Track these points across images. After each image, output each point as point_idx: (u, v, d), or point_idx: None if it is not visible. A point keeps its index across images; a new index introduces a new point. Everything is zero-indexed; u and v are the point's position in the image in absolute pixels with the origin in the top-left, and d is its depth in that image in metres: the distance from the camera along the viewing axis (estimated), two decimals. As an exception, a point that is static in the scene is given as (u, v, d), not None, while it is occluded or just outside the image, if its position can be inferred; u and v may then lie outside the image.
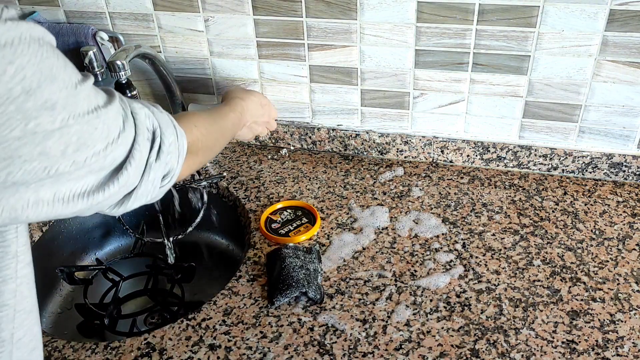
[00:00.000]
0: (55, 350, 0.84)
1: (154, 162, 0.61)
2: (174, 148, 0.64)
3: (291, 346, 0.83)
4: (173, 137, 0.64)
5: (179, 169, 0.66)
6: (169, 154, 0.63)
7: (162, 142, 0.62)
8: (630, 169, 1.10)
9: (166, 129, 0.63)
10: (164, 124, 0.63)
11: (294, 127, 1.22)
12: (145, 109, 0.61)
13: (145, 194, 0.61)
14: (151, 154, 0.60)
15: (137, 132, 0.58)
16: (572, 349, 0.81)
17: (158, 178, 0.62)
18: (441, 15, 1.01)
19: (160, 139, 0.62)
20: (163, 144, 0.62)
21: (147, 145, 0.60)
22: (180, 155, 0.66)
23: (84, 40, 1.17)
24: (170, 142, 0.63)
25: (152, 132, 0.61)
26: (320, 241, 1.01)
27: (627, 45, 0.97)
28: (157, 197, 0.65)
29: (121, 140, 0.55)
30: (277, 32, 1.11)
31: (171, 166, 0.64)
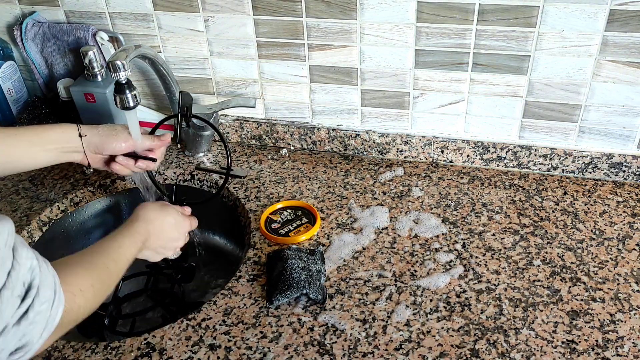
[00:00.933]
0: (55, 350, 0.84)
1: (11, 327, 0.50)
2: (41, 318, 0.53)
3: (291, 346, 0.83)
4: (47, 304, 0.53)
5: (38, 345, 0.54)
6: (33, 324, 0.52)
7: (32, 306, 0.51)
8: (630, 169, 1.10)
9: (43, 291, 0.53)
10: (44, 284, 0.53)
11: (294, 127, 1.22)
12: (34, 260, 0.53)
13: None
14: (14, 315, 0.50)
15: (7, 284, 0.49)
16: (572, 349, 0.81)
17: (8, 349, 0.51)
18: (441, 15, 1.01)
19: (31, 301, 0.51)
20: (31, 308, 0.51)
21: (14, 302, 0.50)
22: (46, 329, 0.54)
23: (84, 40, 1.17)
24: (41, 310, 0.52)
25: (26, 287, 0.51)
26: (320, 241, 1.01)
27: (627, 45, 0.97)
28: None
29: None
30: (277, 32, 1.11)
31: (30, 339, 0.53)
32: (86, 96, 1.15)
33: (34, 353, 0.54)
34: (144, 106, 1.28)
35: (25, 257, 0.52)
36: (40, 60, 1.23)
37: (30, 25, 1.18)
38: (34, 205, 1.11)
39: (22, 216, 1.09)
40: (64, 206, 1.13)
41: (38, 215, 1.09)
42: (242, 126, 1.25)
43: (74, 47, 1.18)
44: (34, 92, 1.31)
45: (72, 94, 1.16)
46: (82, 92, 1.15)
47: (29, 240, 1.07)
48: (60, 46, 1.19)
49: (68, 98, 1.19)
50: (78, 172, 1.19)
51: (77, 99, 1.16)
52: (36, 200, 1.13)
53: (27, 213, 1.10)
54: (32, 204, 1.12)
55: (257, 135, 1.25)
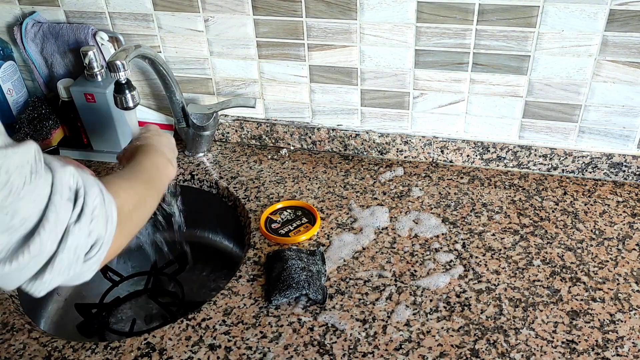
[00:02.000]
0: (55, 350, 0.84)
1: (73, 226, 0.52)
2: (99, 212, 0.55)
3: (291, 346, 0.83)
4: (99, 199, 0.55)
5: (108, 238, 0.56)
6: (94, 219, 0.54)
7: (85, 204, 0.53)
8: (630, 169, 1.10)
9: (91, 190, 0.55)
10: (89, 185, 0.55)
11: (294, 127, 1.22)
12: (71, 167, 0.54)
13: (66, 266, 0.52)
14: (72, 216, 0.52)
15: (53, 191, 0.50)
16: (572, 349, 0.81)
17: (81, 248, 0.53)
18: (441, 15, 1.01)
19: (83, 201, 0.53)
20: (86, 205, 0.53)
21: (67, 206, 0.52)
22: (109, 222, 0.57)
23: (84, 40, 1.17)
24: (95, 205, 0.55)
25: (74, 191, 0.53)
26: (320, 241, 1.01)
27: (627, 45, 0.97)
28: (84, 275, 0.56)
29: (28, 195, 0.48)
30: (277, 32, 1.11)
31: (98, 234, 0.55)
32: (86, 96, 1.15)
33: (108, 247, 0.57)
34: (144, 106, 1.28)
35: (61, 165, 0.53)
36: (40, 60, 1.23)
37: (30, 25, 1.18)
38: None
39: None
40: (64, 206, 1.13)
41: (38, 215, 1.09)
42: (242, 126, 1.25)
43: (74, 47, 1.18)
44: (34, 92, 1.31)
45: (72, 94, 1.16)
46: (82, 92, 1.15)
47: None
48: (60, 46, 1.19)
49: (68, 98, 1.19)
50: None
51: (77, 99, 1.16)
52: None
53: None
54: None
55: (257, 135, 1.25)
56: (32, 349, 0.85)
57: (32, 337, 0.86)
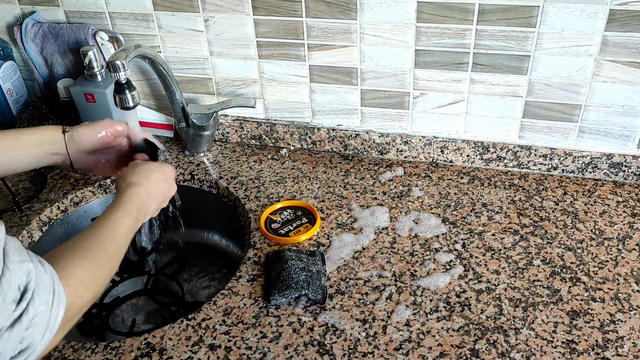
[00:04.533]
0: (55, 350, 0.84)
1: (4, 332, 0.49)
2: (40, 320, 0.52)
3: (291, 346, 0.83)
4: (44, 307, 0.52)
5: (41, 346, 0.53)
6: (30, 327, 0.51)
7: (26, 310, 0.50)
8: (630, 169, 1.10)
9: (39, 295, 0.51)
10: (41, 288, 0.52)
11: (294, 127, 1.22)
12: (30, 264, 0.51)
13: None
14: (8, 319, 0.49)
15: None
16: (572, 349, 0.81)
17: (7, 354, 0.50)
18: (441, 15, 1.01)
19: (26, 305, 0.50)
20: (26, 313, 0.50)
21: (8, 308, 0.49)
22: (47, 329, 0.53)
23: (84, 40, 1.17)
24: (38, 313, 0.51)
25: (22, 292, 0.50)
26: (320, 241, 1.01)
27: (627, 45, 0.97)
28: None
29: None
30: (277, 32, 1.11)
31: (31, 342, 0.52)
32: (86, 96, 1.15)
33: (39, 354, 0.53)
34: (144, 106, 1.28)
35: (19, 261, 0.51)
36: (40, 60, 1.23)
37: (30, 25, 1.18)
38: (34, 205, 1.11)
39: (22, 216, 1.09)
40: (64, 206, 1.13)
41: (38, 215, 1.09)
42: (242, 126, 1.25)
43: (74, 47, 1.18)
44: (34, 92, 1.31)
45: (72, 94, 1.16)
46: (82, 92, 1.15)
47: (29, 240, 1.07)
48: (60, 46, 1.19)
49: (68, 98, 1.19)
50: (78, 172, 1.19)
51: (77, 99, 1.16)
52: (36, 200, 1.13)
53: (27, 213, 1.10)
54: (32, 204, 1.12)
55: (257, 135, 1.25)
56: (32, 349, 0.85)
57: (32, 337, 0.86)
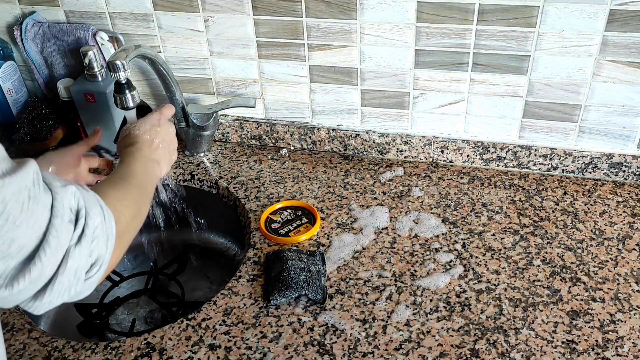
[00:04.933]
0: (55, 350, 0.84)
1: (74, 249, 0.51)
2: (100, 232, 0.55)
3: (291, 346, 0.83)
4: (100, 218, 0.55)
5: (108, 256, 0.56)
6: (95, 239, 0.54)
7: (87, 225, 0.53)
8: (630, 169, 1.10)
9: (92, 209, 0.54)
10: (90, 204, 0.55)
11: (294, 127, 1.22)
12: (72, 186, 0.54)
13: (66, 288, 0.52)
14: (72, 237, 0.52)
15: (54, 214, 0.50)
16: (572, 349, 0.81)
17: (82, 268, 0.53)
18: (441, 15, 1.01)
19: (84, 221, 0.53)
20: (87, 227, 0.53)
21: (68, 228, 0.51)
22: (109, 240, 0.57)
23: (84, 40, 1.17)
24: (97, 224, 0.54)
25: (75, 212, 0.53)
26: (320, 241, 1.01)
27: (627, 45, 0.97)
28: (84, 292, 0.56)
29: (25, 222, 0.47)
30: (277, 32, 1.11)
31: (99, 254, 0.55)
32: (86, 96, 1.15)
33: (107, 265, 0.57)
34: (144, 106, 1.28)
35: (62, 185, 0.53)
36: (40, 60, 1.23)
37: (30, 25, 1.18)
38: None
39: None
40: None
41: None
42: (242, 126, 1.25)
43: (74, 47, 1.18)
44: (34, 92, 1.31)
45: (72, 94, 1.16)
46: (82, 92, 1.15)
47: None
48: (60, 46, 1.19)
49: (68, 98, 1.19)
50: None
51: (77, 99, 1.16)
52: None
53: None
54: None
55: (257, 135, 1.25)
56: (32, 349, 0.85)
57: (32, 337, 0.86)
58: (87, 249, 0.53)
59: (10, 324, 0.89)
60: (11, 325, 0.88)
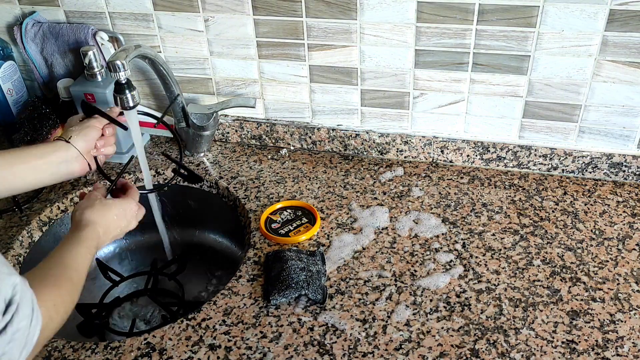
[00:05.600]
0: (55, 350, 0.84)
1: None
2: (20, 336, 0.52)
3: (291, 346, 0.83)
4: (25, 321, 0.52)
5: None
6: (12, 342, 0.51)
7: (11, 322, 0.50)
8: (630, 169, 1.10)
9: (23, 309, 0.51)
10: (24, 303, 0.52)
11: (294, 127, 1.22)
12: (16, 278, 0.52)
13: None
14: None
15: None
16: (572, 349, 0.81)
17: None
18: (441, 15, 1.01)
19: (10, 317, 0.50)
20: (10, 325, 0.50)
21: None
22: (25, 347, 0.53)
23: (84, 40, 1.17)
24: (20, 327, 0.51)
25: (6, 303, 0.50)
26: (320, 241, 1.01)
27: (627, 45, 0.97)
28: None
29: None
30: (277, 32, 1.11)
31: (10, 357, 0.51)
32: (86, 96, 1.15)
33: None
34: (144, 106, 1.28)
35: (7, 273, 0.51)
36: (40, 60, 1.23)
37: (30, 25, 1.18)
38: (34, 205, 1.11)
39: (22, 216, 1.09)
40: (64, 206, 1.13)
41: (38, 215, 1.09)
42: (242, 126, 1.25)
43: (74, 47, 1.18)
44: (34, 92, 1.31)
45: (72, 94, 1.16)
46: (82, 92, 1.15)
47: (30, 240, 1.07)
48: (60, 46, 1.19)
49: (68, 98, 1.19)
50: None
51: (77, 99, 1.16)
52: (36, 200, 1.13)
53: (27, 213, 1.10)
54: (32, 204, 1.12)
55: (257, 135, 1.25)
56: (32, 349, 0.85)
57: (32, 337, 0.86)
58: (1, 347, 0.50)
59: (10, 324, 0.89)
60: (11, 325, 0.88)
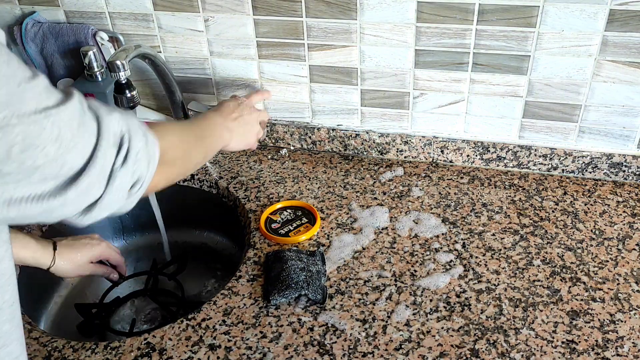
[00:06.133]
0: (55, 350, 0.84)
1: (119, 169, 0.56)
2: (142, 155, 0.60)
3: (291, 346, 0.83)
4: (142, 143, 0.60)
5: (149, 177, 0.62)
6: (137, 162, 0.59)
7: (130, 147, 0.58)
8: (630, 169, 1.10)
9: (135, 134, 0.59)
10: (133, 129, 0.59)
11: (294, 127, 1.22)
12: (116, 113, 0.58)
13: (112, 203, 0.57)
14: (117, 160, 0.56)
15: (101, 137, 0.54)
16: (572, 349, 0.81)
17: (125, 187, 0.58)
18: (441, 15, 1.01)
19: (128, 145, 0.58)
20: (131, 149, 0.58)
21: (112, 151, 0.56)
22: (150, 163, 0.62)
23: (84, 40, 1.17)
24: (139, 148, 0.59)
25: (119, 137, 0.57)
26: (320, 241, 1.01)
27: (627, 45, 0.97)
28: (127, 207, 0.61)
29: (75, 146, 0.51)
30: (277, 32, 1.11)
31: (140, 174, 0.60)
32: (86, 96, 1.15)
33: (148, 185, 0.62)
34: (144, 106, 1.28)
35: (107, 111, 0.57)
36: (40, 60, 1.23)
37: (30, 25, 1.18)
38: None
39: (22, 216, 1.09)
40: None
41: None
42: (242, 126, 1.25)
43: (74, 47, 1.18)
44: (34, 92, 1.31)
45: (72, 94, 1.16)
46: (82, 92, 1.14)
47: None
48: (60, 46, 1.19)
49: (68, 98, 1.19)
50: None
51: (77, 99, 1.16)
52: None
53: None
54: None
55: (257, 135, 1.25)
56: (32, 349, 0.85)
57: (32, 337, 0.86)
58: (130, 170, 0.57)
59: (10, 324, 0.89)
60: (11, 325, 0.88)
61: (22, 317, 0.90)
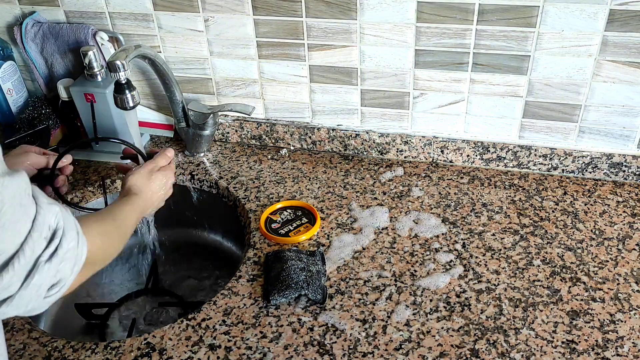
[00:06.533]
0: (55, 350, 0.84)
1: (44, 264, 0.54)
2: (71, 255, 0.57)
3: (291, 346, 0.83)
4: (74, 242, 0.58)
5: (71, 280, 0.59)
6: (64, 261, 0.56)
7: (60, 244, 0.55)
8: (630, 169, 1.10)
9: (69, 232, 0.57)
10: (68, 226, 0.57)
11: (294, 127, 1.22)
12: (56, 207, 0.56)
13: (26, 302, 0.54)
14: (44, 253, 0.54)
15: (34, 227, 0.52)
16: (572, 349, 0.81)
17: (45, 286, 0.55)
18: (441, 15, 1.01)
19: (59, 241, 0.55)
20: (61, 246, 0.55)
21: (42, 243, 0.53)
22: (76, 265, 0.59)
23: (84, 40, 1.17)
24: (69, 248, 0.57)
25: (52, 231, 0.55)
26: (320, 241, 1.01)
27: (627, 45, 0.97)
28: (39, 308, 0.57)
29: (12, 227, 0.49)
30: (277, 32, 1.11)
31: (63, 275, 0.57)
32: (86, 96, 1.15)
33: (68, 288, 0.60)
34: (144, 106, 1.28)
35: (48, 202, 0.55)
36: (40, 60, 1.23)
37: (30, 25, 1.18)
38: (34, 205, 1.11)
39: (22, 216, 1.09)
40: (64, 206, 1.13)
41: (38, 215, 1.09)
42: (242, 126, 1.25)
43: (74, 47, 1.18)
44: (34, 92, 1.31)
45: (72, 94, 1.16)
46: (82, 92, 1.15)
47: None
48: (60, 46, 1.19)
49: (68, 98, 1.19)
50: (78, 172, 1.19)
51: (77, 99, 1.16)
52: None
53: (27, 213, 1.10)
54: (32, 204, 1.11)
55: (257, 135, 1.25)
56: (32, 349, 0.85)
57: (32, 337, 0.86)
58: (54, 268, 0.55)
59: (10, 324, 0.89)
60: (11, 325, 0.88)
61: (22, 317, 0.90)
